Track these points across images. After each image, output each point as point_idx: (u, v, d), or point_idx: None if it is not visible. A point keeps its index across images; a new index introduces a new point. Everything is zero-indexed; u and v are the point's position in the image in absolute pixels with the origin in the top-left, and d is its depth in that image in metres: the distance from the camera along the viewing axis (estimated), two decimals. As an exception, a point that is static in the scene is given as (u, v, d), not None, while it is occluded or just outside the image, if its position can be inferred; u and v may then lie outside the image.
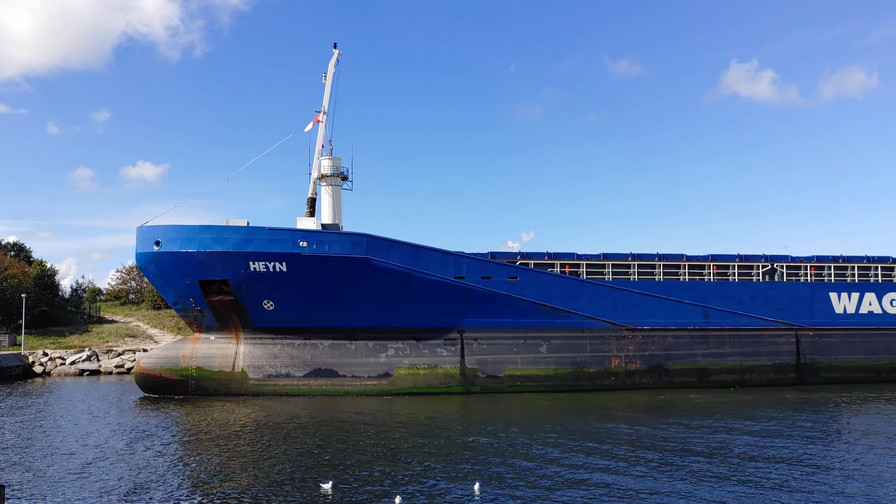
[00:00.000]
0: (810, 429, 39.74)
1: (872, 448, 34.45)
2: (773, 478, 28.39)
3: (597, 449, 34.06)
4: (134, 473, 29.86)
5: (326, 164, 69.76)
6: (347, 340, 57.95)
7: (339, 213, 69.25)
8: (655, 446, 34.77)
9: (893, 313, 63.66)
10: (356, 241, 56.53)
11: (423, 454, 33.40)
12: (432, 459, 32.22)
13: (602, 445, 34.95)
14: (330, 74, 64.93)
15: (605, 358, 58.92)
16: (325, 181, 69.74)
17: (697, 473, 29.11)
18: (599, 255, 60.96)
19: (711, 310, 60.51)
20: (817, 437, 37.16)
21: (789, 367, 61.37)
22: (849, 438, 37.14)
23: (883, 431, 39.13)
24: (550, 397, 54.92)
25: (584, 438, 36.89)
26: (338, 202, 69.57)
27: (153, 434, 39.45)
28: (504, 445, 35.24)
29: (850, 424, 41.58)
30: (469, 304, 57.65)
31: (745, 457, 32.28)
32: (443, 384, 57.53)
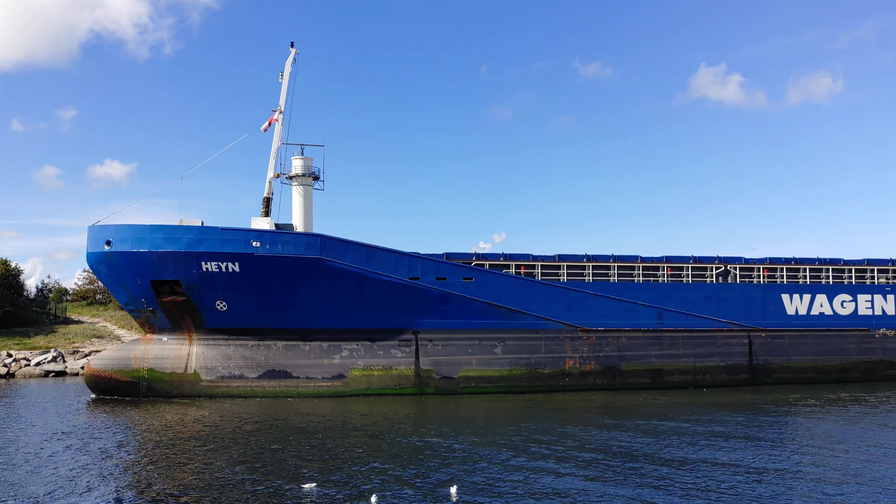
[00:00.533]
0: (761, 430, 40.13)
1: (818, 449, 34.85)
2: (721, 479, 28.59)
3: (552, 453, 34.11)
4: (65, 480, 29.34)
5: (298, 163, 69.79)
6: (302, 341, 57.59)
7: (310, 214, 69.33)
8: (603, 448, 34.91)
9: (844, 314, 64.57)
10: (310, 242, 56.19)
11: (382, 456, 33.24)
12: (394, 461, 32.06)
13: (557, 447, 35.03)
14: (287, 73, 64.48)
15: (560, 359, 59.11)
16: (297, 181, 69.85)
17: (648, 476, 29.24)
18: (555, 256, 61.15)
19: (665, 311, 60.94)
20: (766, 439, 37.52)
21: (742, 368, 61.98)
22: (795, 440, 37.54)
23: (827, 434, 39.62)
24: (505, 398, 55.01)
25: (543, 441, 36.95)
26: (309, 202, 69.55)
27: (97, 437, 38.84)
28: (469, 448, 35.17)
29: (798, 426, 42.04)
30: (424, 305, 57.55)
31: (692, 461, 32.48)
32: (397, 385, 57.37)
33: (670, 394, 56.96)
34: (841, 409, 48.52)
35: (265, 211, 62.76)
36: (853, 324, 64.65)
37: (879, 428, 40.73)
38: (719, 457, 32.74)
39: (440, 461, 32.05)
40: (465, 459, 32.41)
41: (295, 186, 69.70)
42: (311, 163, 69.85)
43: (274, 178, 63.57)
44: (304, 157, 69.64)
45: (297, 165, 69.48)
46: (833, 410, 47.78)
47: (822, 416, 45.60)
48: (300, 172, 69.21)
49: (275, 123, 63.17)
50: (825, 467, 30.67)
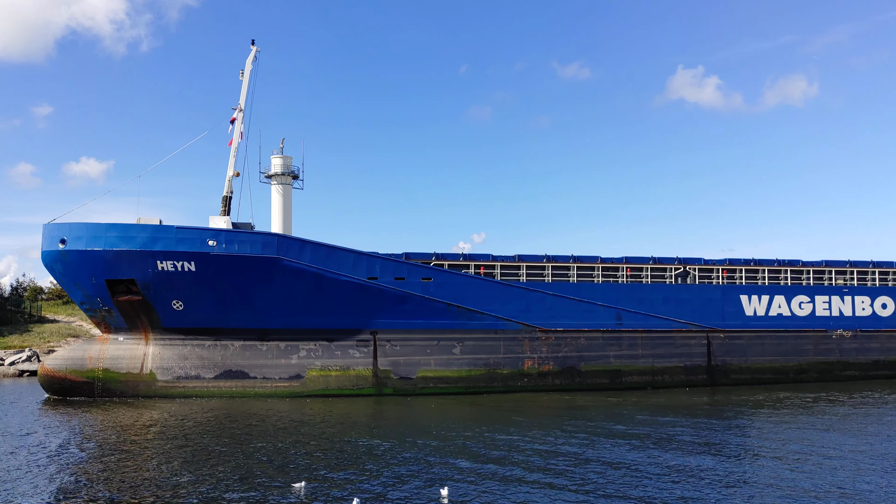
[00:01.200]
0: (719, 432, 40.28)
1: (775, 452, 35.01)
2: (668, 480, 28.63)
3: (505, 456, 34.02)
4: (5, 482, 28.79)
5: (277, 162, 69.53)
6: (259, 341, 57.22)
7: (289, 213, 69.30)
8: (557, 450, 34.89)
9: (802, 315, 65.02)
10: (267, 241, 55.82)
11: (337, 458, 32.99)
12: (349, 464, 31.83)
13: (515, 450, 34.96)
14: (247, 71, 64.04)
15: (519, 359, 59.09)
16: (276, 180, 69.67)
17: (600, 480, 29.23)
18: (514, 256, 61.14)
19: (624, 311, 61.10)
20: (724, 442, 37.67)
21: (700, 369, 62.25)
22: (749, 441, 37.72)
23: (782, 436, 39.82)
24: (464, 399, 54.92)
25: (493, 442, 36.86)
26: (288, 202, 69.48)
27: (45, 439, 38.24)
28: (423, 450, 35.01)
29: (755, 428, 42.25)
30: (382, 304, 57.34)
31: (638, 464, 32.50)
32: (355, 386, 57.12)
33: (628, 394, 57.09)
34: (798, 410, 48.86)
35: (224, 210, 62.25)
36: (811, 325, 65.14)
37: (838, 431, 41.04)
38: (669, 460, 32.82)
39: (389, 462, 31.89)
40: (419, 461, 32.27)
41: (274, 185, 69.59)
42: (291, 162, 69.76)
43: (234, 176, 63.05)
44: (283, 156, 69.43)
45: (276, 164, 69.25)
46: (788, 412, 48.08)
47: (778, 417, 45.86)
48: (279, 171, 68.99)
49: (234, 122, 62.53)
50: (782, 470, 30.79)
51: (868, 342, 66.12)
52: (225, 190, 62.87)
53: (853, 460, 32.19)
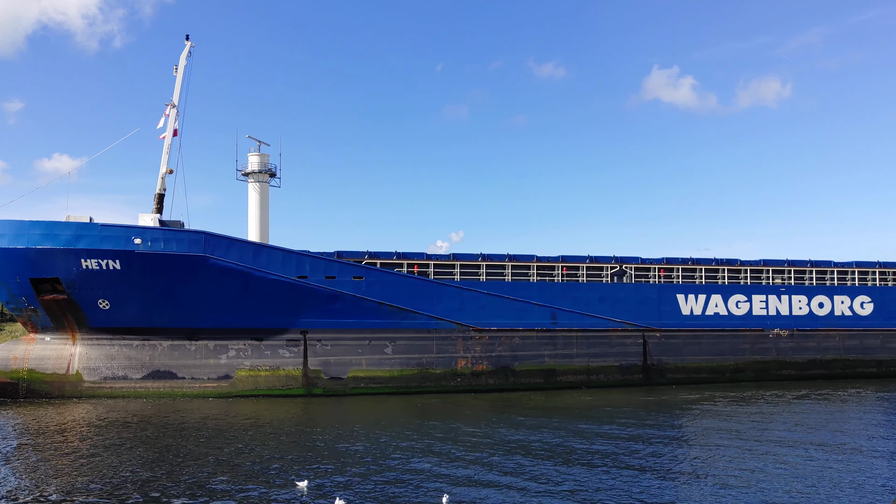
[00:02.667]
0: (651, 429, 39.98)
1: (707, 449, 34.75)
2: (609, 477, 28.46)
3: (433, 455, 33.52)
4: None
5: (254, 160, 69.63)
6: (187, 341, 56.33)
7: (266, 211, 69.41)
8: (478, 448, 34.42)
9: (739, 315, 65.00)
10: (193, 239, 54.95)
11: (261, 460, 32.33)
12: (273, 467, 31.16)
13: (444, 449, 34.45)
14: (181, 67, 63.04)
15: (452, 359, 58.60)
16: (252, 178, 69.65)
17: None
18: (449, 255, 60.65)
19: (559, 311, 60.76)
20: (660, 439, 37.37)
21: (636, 368, 62.04)
22: (685, 440, 37.45)
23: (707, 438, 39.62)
24: (395, 399, 54.40)
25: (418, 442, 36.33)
26: (265, 200, 69.57)
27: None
28: (348, 451, 34.43)
29: (688, 426, 42.01)
30: (312, 303, 56.65)
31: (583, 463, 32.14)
32: (285, 386, 56.39)
33: (562, 394, 56.79)
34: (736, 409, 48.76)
35: (157, 207, 61.17)
36: (748, 324, 65.13)
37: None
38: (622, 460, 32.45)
39: (315, 465, 31.35)
40: (341, 462, 31.72)
41: (251, 183, 69.55)
42: (268, 160, 69.82)
43: (167, 173, 62.01)
44: (260, 154, 69.44)
45: (253, 162, 69.29)
46: (726, 411, 47.96)
47: (712, 416, 45.71)
48: (256, 169, 68.98)
49: (167, 118, 61.52)
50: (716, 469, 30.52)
51: (805, 341, 66.21)
52: (157, 187, 61.76)
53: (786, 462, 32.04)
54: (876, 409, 49.25)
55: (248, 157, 68.63)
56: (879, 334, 68.10)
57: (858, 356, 67.40)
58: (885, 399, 53.69)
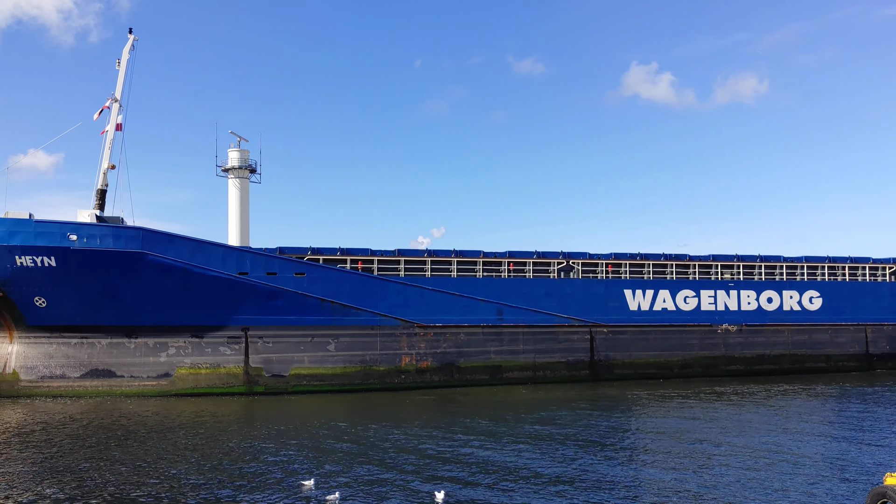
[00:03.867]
0: (599, 426, 39.65)
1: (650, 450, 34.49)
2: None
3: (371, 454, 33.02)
4: None
5: (234, 155, 70.02)
6: (127, 339, 55.53)
7: (246, 207, 69.96)
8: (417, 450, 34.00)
9: (687, 310, 64.89)
10: (131, 236, 54.13)
11: (198, 462, 31.75)
12: (208, 469, 30.53)
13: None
14: (124, 61, 62.11)
15: (396, 356, 58.12)
16: (233, 174, 69.94)
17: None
18: (394, 251, 60.09)
19: (506, 307, 60.40)
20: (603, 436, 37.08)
21: (583, 364, 61.79)
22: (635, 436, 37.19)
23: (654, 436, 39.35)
24: (337, 397, 53.90)
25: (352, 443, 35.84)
26: (245, 196, 70.03)
27: None
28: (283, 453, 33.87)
29: (640, 423, 41.77)
30: (253, 300, 56.00)
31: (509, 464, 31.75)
32: (225, 384, 55.72)
33: (507, 390, 56.50)
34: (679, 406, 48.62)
35: (99, 203, 60.21)
36: (696, 319, 65.02)
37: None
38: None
39: (245, 466, 30.87)
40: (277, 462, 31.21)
41: (231, 179, 69.79)
42: (248, 155, 70.14)
43: (109, 168, 61.05)
44: (240, 150, 69.67)
45: (233, 158, 69.58)
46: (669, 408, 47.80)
47: (658, 415, 45.53)
48: (236, 165, 69.29)
49: (107, 112, 60.59)
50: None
51: (753, 336, 66.22)
52: (99, 183, 60.76)
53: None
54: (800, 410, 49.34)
55: (227, 153, 69.06)
56: (828, 329, 68.27)
57: (807, 351, 67.53)
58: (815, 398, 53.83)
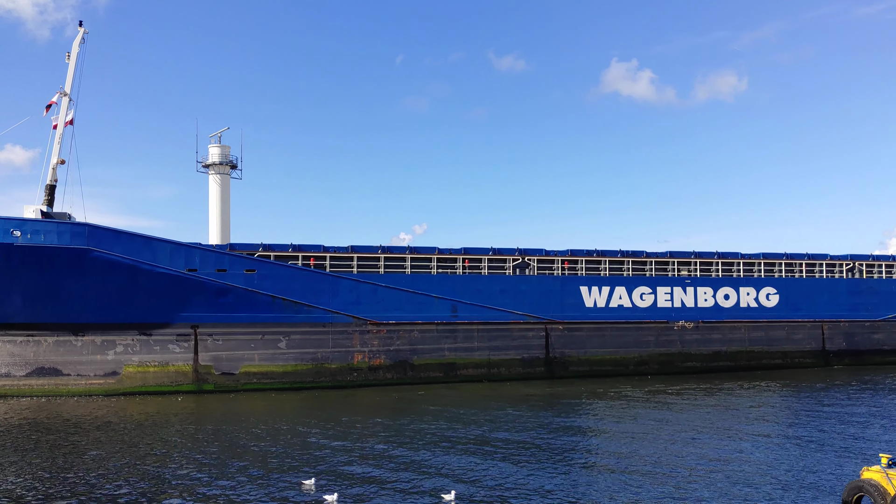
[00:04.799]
0: (550, 425, 39.28)
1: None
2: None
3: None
4: None
5: (215, 151, 69.80)
6: (73, 336, 54.62)
7: (227, 203, 69.72)
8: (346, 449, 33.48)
9: (643, 307, 64.72)
10: (76, 232, 53.22)
11: (142, 465, 30.98)
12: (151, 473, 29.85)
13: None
14: (74, 54, 60.95)
15: (348, 353, 57.59)
16: (213, 170, 69.67)
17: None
18: (347, 247, 59.50)
19: (460, 304, 60.00)
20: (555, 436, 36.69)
21: (538, 361, 61.49)
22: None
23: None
24: (287, 395, 53.32)
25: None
26: (226, 192, 69.81)
27: None
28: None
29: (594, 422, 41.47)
30: (202, 297, 55.25)
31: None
32: (174, 383, 54.98)
33: (461, 388, 56.12)
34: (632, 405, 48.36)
35: (47, 199, 59.16)
36: (652, 316, 64.86)
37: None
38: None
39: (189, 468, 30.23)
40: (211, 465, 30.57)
41: (212, 175, 69.49)
42: (229, 151, 69.83)
43: (59, 164, 59.99)
44: (221, 145, 69.29)
45: (213, 153, 69.24)
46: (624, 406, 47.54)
47: (611, 414, 45.28)
48: (217, 161, 69.01)
49: (55, 106, 59.51)
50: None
51: (710, 333, 66.18)
52: (48, 178, 59.67)
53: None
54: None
55: (208, 149, 68.86)
56: (785, 325, 68.37)
57: (764, 348, 67.59)
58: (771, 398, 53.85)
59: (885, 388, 54.39)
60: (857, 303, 71.01)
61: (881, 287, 72.20)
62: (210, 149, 69.04)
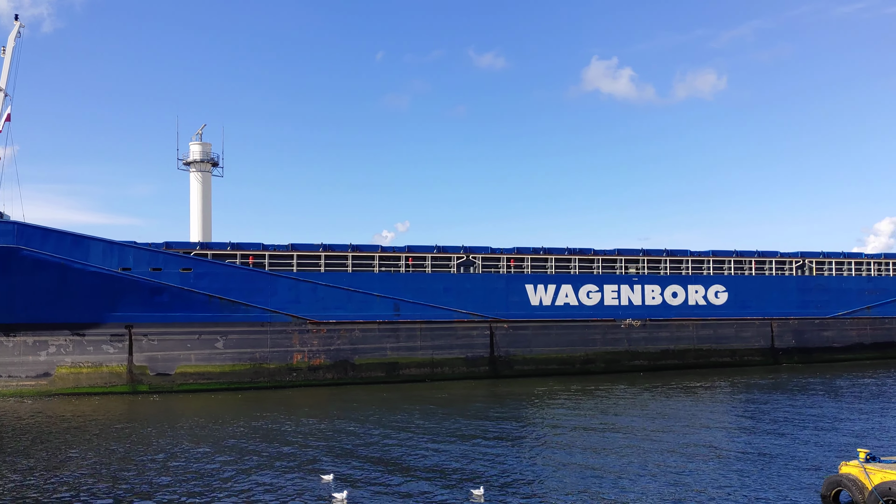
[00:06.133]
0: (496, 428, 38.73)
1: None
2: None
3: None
4: None
5: (196, 149, 69.60)
6: (4, 337, 53.50)
7: (208, 201, 69.62)
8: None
9: (590, 305, 64.25)
10: (4, 230, 52.10)
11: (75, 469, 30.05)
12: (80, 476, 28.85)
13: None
14: (9, 49, 59.53)
15: (287, 353, 56.78)
16: (194, 167, 69.42)
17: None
18: (287, 245, 58.61)
19: (403, 302, 59.32)
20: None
21: (483, 360, 60.91)
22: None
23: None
24: (222, 396, 52.50)
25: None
26: (207, 189, 69.65)
27: None
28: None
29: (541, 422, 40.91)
30: (137, 297, 54.27)
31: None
32: (108, 384, 54.00)
33: (402, 388, 55.48)
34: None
35: (-18, 197, 57.90)
36: (599, 314, 64.39)
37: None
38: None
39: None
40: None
41: (193, 173, 69.41)
42: (210, 148, 69.78)
43: (-7, 160, 58.64)
44: (202, 143, 69.17)
45: (194, 151, 69.28)
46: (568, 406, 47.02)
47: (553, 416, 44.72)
48: (198, 158, 69.04)
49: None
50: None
51: (657, 331, 65.83)
52: (-13, 176, 58.43)
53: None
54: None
55: (189, 146, 68.96)
56: (734, 323, 68.17)
57: (712, 346, 67.36)
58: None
59: (837, 386, 54.13)
60: (806, 300, 70.95)
61: (831, 284, 72.18)
62: (191, 146, 69.18)
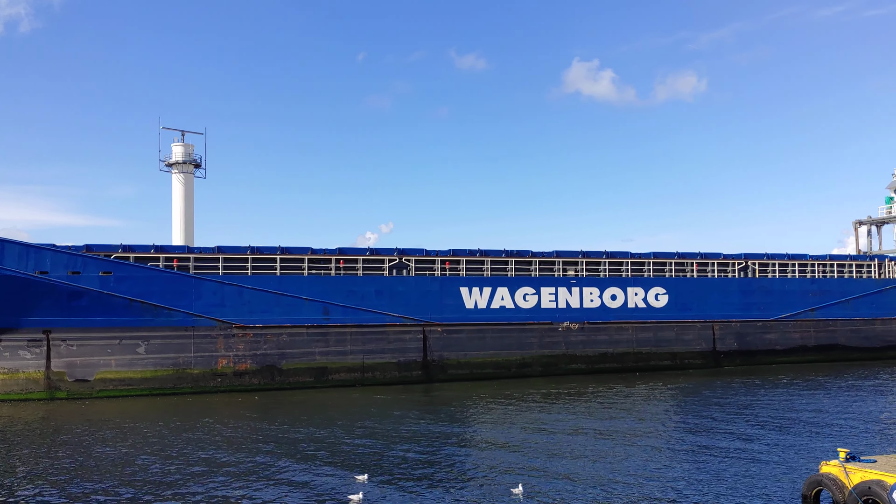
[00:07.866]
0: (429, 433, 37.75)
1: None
2: None
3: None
4: None
5: (178, 150, 69.33)
6: (-84, 343, 51.98)
7: (191, 203, 69.72)
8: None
9: (526, 308, 63.39)
10: (-86, 233, 50.56)
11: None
12: None
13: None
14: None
15: (212, 358, 55.56)
16: (176, 168, 69.18)
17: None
18: (214, 248, 57.35)
19: (333, 306, 58.23)
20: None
21: (415, 364, 59.89)
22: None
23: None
24: (142, 402, 51.29)
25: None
26: (190, 191, 69.63)
27: None
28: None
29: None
30: (55, 301, 52.88)
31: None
32: (24, 390, 52.62)
33: (331, 393, 54.50)
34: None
35: None
36: (536, 317, 63.52)
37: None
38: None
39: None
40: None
41: (175, 174, 69.35)
42: (193, 150, 69.71)
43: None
44: (184, 144, 68.94)
45: (177, 152, 69.14)
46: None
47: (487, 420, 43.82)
48: (180, 160, 68.93)
49: None
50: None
51: (596, 334, 65.06)
52: None
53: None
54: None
55: (171, 147, 68.79)
56: (674, 326, 67.53)
57: (652, 349, 66.67)
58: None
59: (775, 385, 53.59)
60: (749, 302, 70.45)
61: (774, 287, 71.74)
62: (173, 147, 68.92)
